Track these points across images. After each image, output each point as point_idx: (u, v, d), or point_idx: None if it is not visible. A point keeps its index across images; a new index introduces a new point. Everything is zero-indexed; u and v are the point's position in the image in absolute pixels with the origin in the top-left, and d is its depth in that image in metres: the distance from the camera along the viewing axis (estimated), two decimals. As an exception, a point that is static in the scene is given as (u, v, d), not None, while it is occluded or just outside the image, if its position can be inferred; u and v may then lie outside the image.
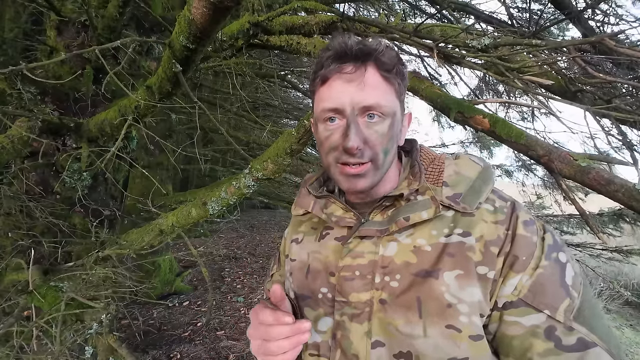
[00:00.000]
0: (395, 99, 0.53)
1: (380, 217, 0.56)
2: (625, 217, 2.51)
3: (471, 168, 0.55)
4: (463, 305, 0.47)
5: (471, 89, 3.17)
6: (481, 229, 0.49)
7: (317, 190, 0.64)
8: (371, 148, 0.51)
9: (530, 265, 0.47)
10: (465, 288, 0.47)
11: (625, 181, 0.84)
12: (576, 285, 0.46)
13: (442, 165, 0.57)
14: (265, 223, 8.87)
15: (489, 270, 0.47)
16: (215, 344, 2.79)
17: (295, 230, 0.69)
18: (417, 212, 0.52)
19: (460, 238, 0.50)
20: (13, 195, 1.43)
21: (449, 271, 0.48)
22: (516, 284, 0.46)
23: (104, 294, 1.35)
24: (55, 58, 1.21)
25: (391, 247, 0.53)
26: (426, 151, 0.62)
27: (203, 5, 0.86)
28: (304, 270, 0.61)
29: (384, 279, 0.52)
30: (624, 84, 1.48)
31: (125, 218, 2.02)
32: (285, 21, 1.61)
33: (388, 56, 0.51)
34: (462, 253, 0.49)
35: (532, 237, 0.48)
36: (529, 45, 1.21)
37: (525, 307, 0.46)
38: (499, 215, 0.50)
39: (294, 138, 1.21)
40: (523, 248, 0.47)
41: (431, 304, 0.48)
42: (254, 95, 4.21)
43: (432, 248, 0.50)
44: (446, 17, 2.63)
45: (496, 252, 0.48)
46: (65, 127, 1.48)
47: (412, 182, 0.56)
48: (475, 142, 4.52)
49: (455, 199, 0.52)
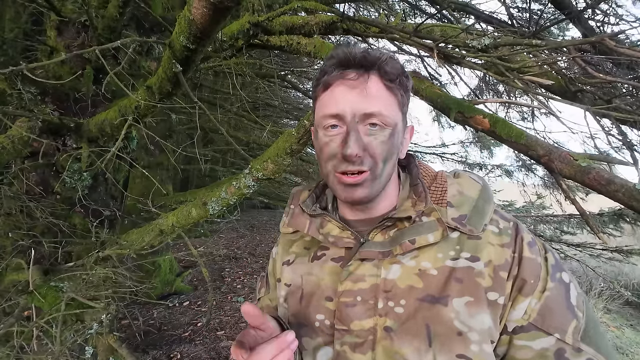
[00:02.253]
0: (398, 110, 0.52)
1: (382, 237, 0.53)
2: (625, 217, 2.51)
3: (472, 187, 0.54)
4: (473, 333, 0.45)
5: (471, 89, 3.17)
6: (489, 253, 0.48)
7: (310, 208, 0.60)
8: (371, 156, 0.49)
9: (538, 289, 0.46)
10: (475, 316, 0.46)
11: (626, 181, 0.84)
12: (580, 305, 0.46)
13: (444, 184, 0.55)
14: (265, 223, 8.86)
15: (499, 296, 0.46)
16: (215, 344, 2.79)
17: (286, 251, 0.64)
18: (422, 235, 0.49)
19: (468, 263, 0.48)
20: (13, 195, 1.43)
21: (458, 297, 0.46)
22: (525, 308, 0.46)
23: (104, 294, 1.35)
24: (56, 58, 1.21)
25: (394, 270, 0.50)
26: (425, 168, 0.60)
27: (203, 5, 0.86)
28: (298, 296, 0.57)
29: (388, 304, 0.49)
30: (624, 84, 1.48)
31: (125, 218, 2.02)
32: (285, 21, 1.60)
33: (392, 66, 0.50)
34: (471, 279, 0.47)
35: (537, 258, 0.48)
36: (529, 45, 1.21)
37: (535, 330, 0.45)
38: (505, 238, 0.49)
39: (294, 138, 1.21)
40: (530, 271, 0.47)
41: (441, 332, 0.46)
42: (254, 95, 4.21)
43: (438, 272, 0.48)
44: (446, 17, 2.63)
45: (505, 276, 0.47)
46: (65, 127, 1.48)
47: (416, 202, 0.53)
48: (475, 142, 4.52)
49: (461, 221, 0.50)
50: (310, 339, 0.54)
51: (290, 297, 0.59)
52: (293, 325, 0.56)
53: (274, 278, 0.67)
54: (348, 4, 2.97)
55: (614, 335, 3.80)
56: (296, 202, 0.65)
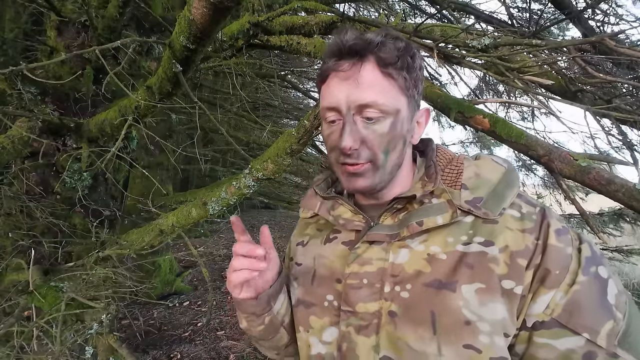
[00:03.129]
0: (399, 95, 0.48)
1: (391, 220, 0.52)
2: (625, 216, 2.51)
3: (493, 170, 0.50)
4: (484, 323, 0.42)
5: (471, 89, 3.17)
6: (506, 238, 0.44)
7: (324, 191, 0.61)
8: (369, 148, 0.48)
9: (565, 281, 0.41)
10: (486, 304, 0.42)
11: (626, 181, 0.84)
12: (620, 305, 0.41)
13: (460, 167, 0.52)
14: (265, 223, 8.85)
15: (515, 285, 0.42)
16: (215, 344, 2.79)
17: (302, 232, 0.65)
18: (431, 217, 0.47)
19: (481, 247, 0.45)
20: (13, 195, 1.43)
21: (468, 284, 0.43)
22: (548, 302, 0.42)
23: (104, 294, 1.35)
24: (56, 58, 1.21)
25: (402, 254, 0.48)
26: (443, 151, 0.57)
27: (203, 5, 0.86)
28: (310, 276, 0.58)
29: (394, 288, 0.48)
30: (624, 83, 1.48)
31: (125, 218, 2.02)
32: (285, 21, 1.60)
33: (388, 49, 0.46)
34: (483, 264, 0.44)
35: (566, 248, 0.43)
36: (529, 45, 1.21)
37: (559, 328, 0.41)
38: (527, 223, 0.45)
39: (294, 138, 1.21)
40: (556, 261, 0.42)
41: (447, 320, 0.43)
42: (254, 96, 4.21)
43: (447, 256, 0.46)
44: (446, 17, 2.63)
45: (524, 264, 0.43)
46: (65, 127, 1.48)
47: (426, 183, 0.51)
48: (475, 142, 4.52)
49: (475, 204, 0.46)
50: (318, 318, 0.54)
51: (302, 276, 0.59)
52: (302, 303, 0.57)
53: (288, 258, 0.69)
54: (348, 4, 2.97)
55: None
56: (317, 183, 0.65)
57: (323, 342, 0.53)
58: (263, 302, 0.55)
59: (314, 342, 0.54)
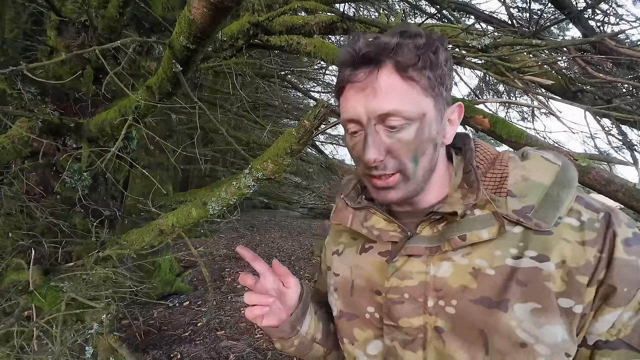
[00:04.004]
0: (423, 97, 0.44)
1: (429, 231, 0.48)
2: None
3: (544, 170, 0.44)
4: (541, 346, 0.39)
5: (471, 89, 3.17)
6: (562, 252, 0.40)
7: (354, 200, 0.57)
8: (395, 158, 0.45)
9: (636, 298, 0.38)
10: (544, 325, 0.39)
11: (626, 181, 0.84)
12: None
13: (505, 169, 0.46)
14: (265, 223, 8.86)
15: (575, 304, 0.39)
16: (215, 344, 2.79)
17: (336, 241, 0.63)
18: (474, 231, 0.43)
19: (534, 263, 0.40)
20: (13, 195, 1.43)
21: (521, 303, 0.40)
22: (614, 322, 0.38)
23: (104, 294, 1.35)
24: (56, 58, 1.21)
25: (444, 267, 0.45)
26: (483, 149, 0.51)
27: (203, 5, 0.86)
28: (348, 287, 0.56)
29: (438, 303, 0.45)
30: (624, 83, 1.48)
31: (125, 218, 2.02)
32: (285, 21, 1.61)
33: (407, 49, 0.42)
34: (537, 282, 0.40)
35: (637, 260, 0.38)
36: (529, 45, 1.21)
37: (627, 349, 0.38)
38: (588, 233, 0.40)
39: (294, 138, 1.21)
40: (623, 276, 0.38)
41: (500, 341, 0.40)
42: (254, 95, 4.21)
43: (496, 272, 0.42)
44: (446, 17, 2.63)
45: (585, 281, 0.39)
46: (65, 127, 1.48)
47: (467, 194, 0.46)
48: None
49: (525, 214, 0.42)
50: (361, 331, 0.53)
51: (341, 288, 0.58)
52: (344, 315, 0.56)
53: (325, 265, 0.67)
54: (348, 4, 2.98)
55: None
56: (345, 191, 0.61)
57: (368, 355, 0.52)
58: (287, 329, 0.56)
59: (359, 355, 0.54)
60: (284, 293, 0.55)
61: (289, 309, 0.56)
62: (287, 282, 0.55)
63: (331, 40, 3.09)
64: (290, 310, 0.56)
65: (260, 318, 0.53)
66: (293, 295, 0.56)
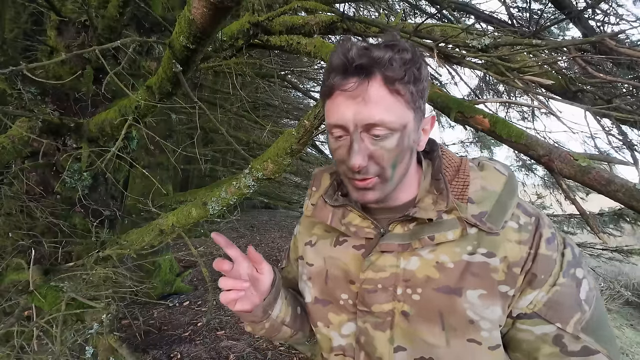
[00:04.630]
0: (406, 110, 0.49)
1: (401, 229, 0.55)
2: (625, 217, 2.51)
3: (497, 180, 0.54)
4: (485, 322, 0.49)
5: (471, 89, 3.17)
6: (505, 250, 0.50)
7: (332, 197, 0.62)
8: (377, 163, 0.50)
9: (548, 282, 0.49)
10: (488, 307, 0.49)
11: (626, 181, 0.84)
12: (589, 300, 0.49)
13: (467, 179, 0.55)
14: (265, 223, 8.86)
15: (509, 289, 0.49)
16: (215, 344, 2.79)
17: (309, 232, 0.68)
18: (442, 233, 0.51)
19: (484, 258, 0.50)
20: (14, 195, 1.43)
21: (473, 290, 0.49)
22: (532, 299, 0.49)
23: (104, 294, 1.35)
24: (56, 58, 1.21)
25: (413, 261, 0.53)
26: (449, 157, 0.59)
27: (203, 5, 0.86)
28: (323, 276, 0.62)
29: (406, 291, 0.53)
30: (624, 83, 1.48)
31: (125, 218, 2.02)
32: (285, 21, 1.60)
33: (396, 65, 0.46)
34: (486, 274, 0.50)
35: (552, 254, 0.49)
36: (529, 45, 1.21)
37: (538, 319, 0.49)
38: (523, 235, 0.50)
39: (294, 138, 1.21)
40: (543, 267, 0.49)
41: (454, 320, 0.50)
42: (254, 95, 4.21)
43: (455, 265, 0.51)
44: (446, 17, 2.63)
45: (519, 272, 0.49)
46: (65, 127, 1.48)
47: (437, 200, 0.54)
48: (475, 142, 4.52)
49: (481, 218, 0.51)
50: (336, 315, 0.60)
51: (315, 277, 0.63)
52: (320, 302, 0.62)
53: (294, 254, 0.73)
54: (348, 4, 2.98)
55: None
56: (317, 184, 0.67)
57: (342, 335, 0.59)
58: (259, 313, 0.59)
59: (334, 335, 0.60)
60: (257, 279, 0.57)
61: (262, 294, 0.59)
62: (260, 268, 0.58)
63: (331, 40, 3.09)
64: (263, 295, 0.59)
65: (233, 302, 0.56)
66: (266, 281, 0.59)
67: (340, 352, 0.59)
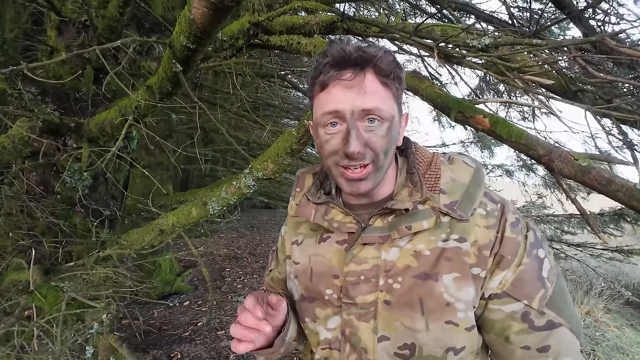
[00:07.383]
0: (394, 103, 0.55)
1: (381, 222, 0.58)
2: (626, 216, 2.51)
3: (465, 172, 0.58)
4: (460, 303, 0.53)
5: (472, 89, 3.16)
6: (475, 234, 0.54)
7: (315, 196, 0.65)
8: (372, 150, 0.53)
9: (514, 263, 0.53)
10: (462, 288, 0.53)
11: (626, 181, 0.84)
12: (550, 277, 0.54)
13: (438, 172, 0.59)
14: (265, 223, 8.86)
15: (481, 271, 0.53)
16: (215, 344, 2.79)
17: (295, 232, 0.71)
18: (418, 222, 0.55)
19: (456, 243, 0.54)
20: (14, 195, 1.43)
21: (447, 274, 0.53)
22: (501, 280, 0.53)
23: (104, 294, 1.35)
24: (56, 58, 1.21)
25: (393, 252, 0.57)
26: (421, 153, 0.63)
27: (203, 5, 0.86)
28: (308, 274, 0.64)
29: (387, 281, 0.56)
30: (625, 83, 1.48)
31: (125, 218, 2.03)
32: (285, 21, 1.60)
33: (386, 62, 0.53)
34: (458, 257, 0.54)
35: (517, 237, 0.54)
36: (530, 44, 1.20)
37: (507, 297, 0.53)
38: (490, 220, 0.55)
39: (294, 138, 1.21)
40: (509, 248, 0.53)
41: (432, 303, 0.53)
42: (254, 95, 4.21)
43: (430, 252, 0.55)
44: (446, 17, 2.63)
45: (488, 254, 0.53)
46: (65, 127, 1.48)
47: (413, 192, 0.58)
48: (475, 142, 4.52)
49: (452, 207, 0.55)
50: (322, 310, 0.62)
51: (301, 274, 0.66)
52: (306, 299, 0.65)
53: (283, 254, 0.75)
54: (348, 4, 2.98)
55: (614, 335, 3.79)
56: (301, 185, 0.70)
57: (328, 328, 0.61)
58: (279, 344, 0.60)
59: (321, 330, 0.62)
60: (273, 316, 0.60)
61: (277, 328, 0.61)
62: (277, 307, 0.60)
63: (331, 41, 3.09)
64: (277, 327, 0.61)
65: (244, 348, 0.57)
66: (281, 317, 0.61)
67: (326, 345, 0.62)
